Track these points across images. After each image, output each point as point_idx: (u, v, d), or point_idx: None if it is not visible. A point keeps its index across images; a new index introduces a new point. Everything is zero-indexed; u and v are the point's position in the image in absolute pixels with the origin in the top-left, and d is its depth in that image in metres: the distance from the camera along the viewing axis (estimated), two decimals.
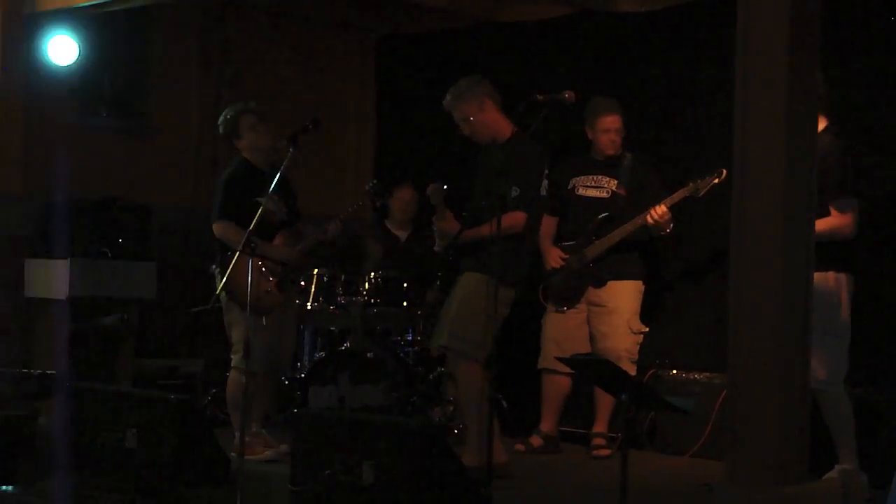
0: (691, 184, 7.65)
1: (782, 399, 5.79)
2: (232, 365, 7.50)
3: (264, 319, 7.32)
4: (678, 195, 7.71)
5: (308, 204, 8.04)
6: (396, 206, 9.31)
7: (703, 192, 7.61)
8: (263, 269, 7.38)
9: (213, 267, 7.41)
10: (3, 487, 6.04)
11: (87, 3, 8.98)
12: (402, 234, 9.26)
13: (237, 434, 7.12)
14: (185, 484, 6.25)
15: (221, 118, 7.63)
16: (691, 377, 8.10)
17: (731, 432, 5.93)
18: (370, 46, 11.16)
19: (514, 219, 6.77)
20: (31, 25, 9.23)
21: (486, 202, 6.71)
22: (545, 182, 7.04)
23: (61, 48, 9.19)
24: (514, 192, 6.80)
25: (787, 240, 5.82)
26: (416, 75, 10.42)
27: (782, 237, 5.81)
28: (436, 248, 7.22)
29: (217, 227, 7.44)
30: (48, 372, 7.47)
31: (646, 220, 7.74)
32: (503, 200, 6.54)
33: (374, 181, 8.39)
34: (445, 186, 6.98)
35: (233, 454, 6.77)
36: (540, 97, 6.67)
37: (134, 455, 6.30)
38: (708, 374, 8.01)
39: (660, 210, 7.68)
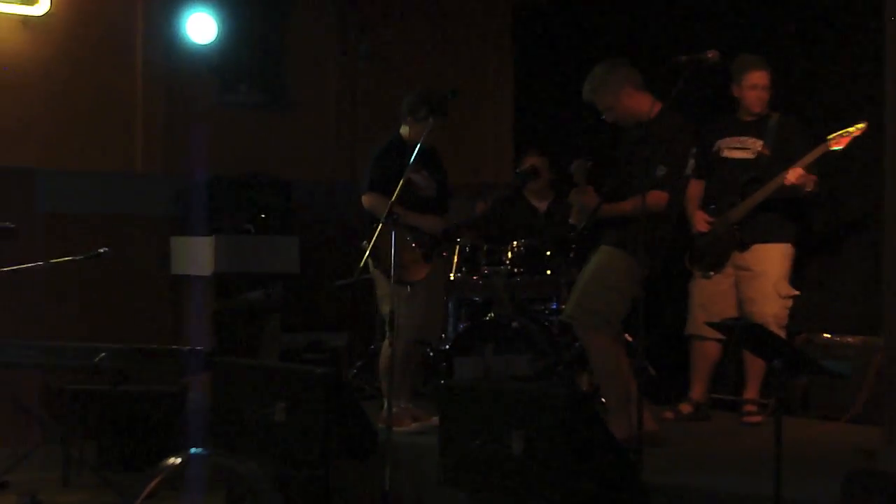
0: (829, 139, 7.51)
1: None
2: (387, 336, 7.55)
3: (408, 289, 7.34)
4: (813, 154, 7.56)
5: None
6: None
7: (843, 146, 7.44)
8: (410, 240, 7.41)
9: (364, 241, 7.44)
10: (195, 450, 6.15)
11: None
12: (542, 205, 9.18)
13: (385, 404, 7.15)
14: (334, 456, 6.27)
15: (413, 98, 7.63)
16: (844, 341, 7.93)
17: (890, 397, 5.78)
18: (508, 12, 11.07)
19: (657, 199, 6.66)
20: (169, 4, 9.34)
21: (630, 179, 6.66)
22: (691, 161, 6.94)
23: (200, 26, 9.27)
24: (660, 171, 6.71)
25: None
26: (555, 41, 10.33)
27: None
28: (571, 221, 7.15)
29: (365, 199, 7.52)
30: (197, 348, 7.55)
31: (783, 182, 7.60)
32: (648, 179, 6.47)
33: (530, 166, 8.34)
34: (591, 163, 6.92)
35: (380, 426, 6.79)
36: (682, 58, 6.53)
37: (282, 429, 6.34)
38: (862, 337, 7.84)
39: (796, 172, 7.53)
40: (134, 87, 9.35)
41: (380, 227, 6.92)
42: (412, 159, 7.01)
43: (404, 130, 7.67)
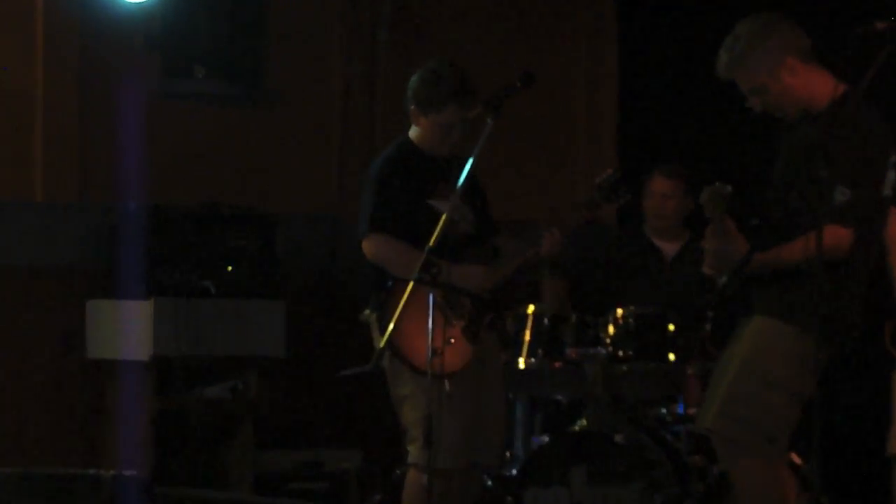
0: None
1: None
2: (409, 461, 7.50)
3: (447, 385, 7.28)
4: None
5: (516, 207, 8.03)
6: (648, 207, 9.22)
7: None
8: (446, 307, 7.36)
9: (367, 311, 7.43)
10: None
11: None
12: (671, 248, 9.15)
13: None
14: None
15: (417, 79, 7.62)
16: None
17: None
18: None
19: (834, 238, 6.47)
20: None
21: (793, 208, 6.65)
22: (892, 174, 6.79)
23: None
24: (840, 194, 6.55)
25: None
26: (676, 8, 10.37)
27: None
28: (705, 269, 7.10)
29: (369, 245, 7.44)
30: (127, 473, 7.59)
31: None
32: (822, 206, 6.42)
33: (611, 171, 8.29)
34: (730, 188, 6.89)
35: None
36: (879, 26, 6.53)
37: None
38: None
39: None
40: (32, 69, 9.45)
41: (401, 288, 6.88)
42: (459, 184, 6.97)
43: (414, 132, 7.65)
